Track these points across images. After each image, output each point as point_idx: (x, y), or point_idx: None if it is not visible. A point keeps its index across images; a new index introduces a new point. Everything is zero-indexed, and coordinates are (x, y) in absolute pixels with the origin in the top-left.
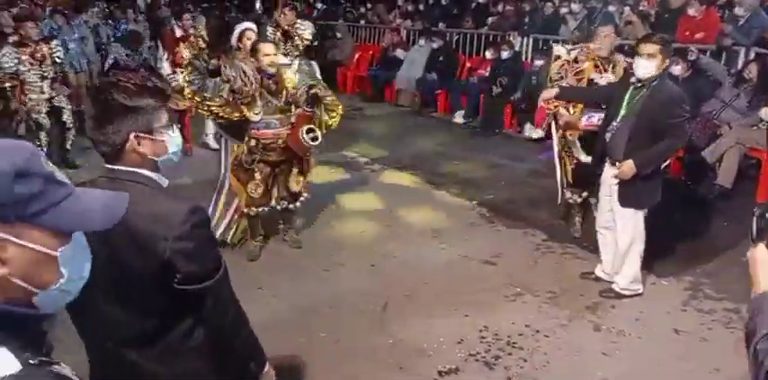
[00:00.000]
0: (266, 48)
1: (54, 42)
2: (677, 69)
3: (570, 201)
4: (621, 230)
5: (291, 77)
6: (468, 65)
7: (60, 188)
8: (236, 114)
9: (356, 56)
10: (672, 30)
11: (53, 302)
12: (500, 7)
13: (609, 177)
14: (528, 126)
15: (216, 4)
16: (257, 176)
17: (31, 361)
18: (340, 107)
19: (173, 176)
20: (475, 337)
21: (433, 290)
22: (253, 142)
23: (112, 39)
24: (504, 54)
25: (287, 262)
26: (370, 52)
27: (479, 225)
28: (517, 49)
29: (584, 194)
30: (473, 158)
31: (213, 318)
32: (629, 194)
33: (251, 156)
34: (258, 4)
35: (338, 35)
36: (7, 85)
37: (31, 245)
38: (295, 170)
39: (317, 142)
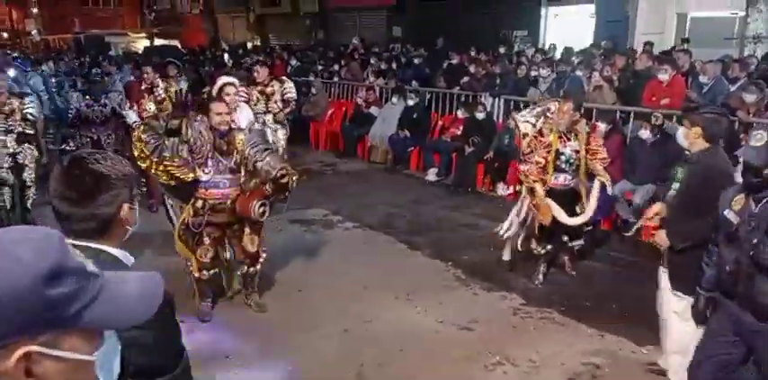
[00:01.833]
0: (218, 107)
1: (28, 99)
2: (645, 134)
3: (535, 252)
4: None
5: (243, 139)
6: (440, 123)
7: (95, 281)
8: (191, 175)
9: (330, 112)
10: (638, 95)
11: None
12: (472, 68)
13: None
14: (500, 185)
15: (191, 58)
16: (206, 240)
17: None
18: (287, 174)
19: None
20: None
21: (409, 358)
22: (200, 203)
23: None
24: (477, 114)
25: (253, 328)
26: (344, 109)
27: (455, 288)
28: (489, 109)
29: (549, 246)
30: (447, 217)
31: None
32: (675, 274)
33: (198, 218)
34: (227, 57)
35: (313, 91)
36: None
37: (68, 355)
38: (248, 229)
39: (265, 216)
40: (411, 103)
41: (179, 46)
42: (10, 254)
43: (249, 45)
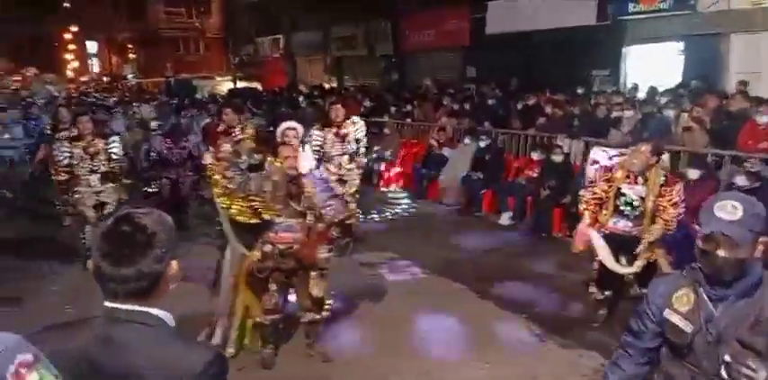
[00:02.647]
0: (285, 150)
1: (112, 138)
2: (740, 180)
3: (593, 297)
4: None
5: (310, 183)
6: (515, 165)
7: None
8: (272, 213)
9: (402, 152)
10: (732, 138)
11: None
12: (548, 109)
13: None
14: None
15: (270, 99)
16: (272, 286)
17: None
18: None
19: None
20: None
21: None
22: (268, 248)
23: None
24: (554, 156)
25: (316, 377)
26: (415, 149)
27: (528, 343)
28: (566, 151)
29: (608, 292)
30: (521, 264)
31: None
32: None
33: (265, 263)
34: (302, 99)
35: (385, 131)
36: (61, 178)
37: None
38: (314, 274)
39: (330, 262)
40: (484, 144)
41: (260, 88)
42: None
43: (326, 86)
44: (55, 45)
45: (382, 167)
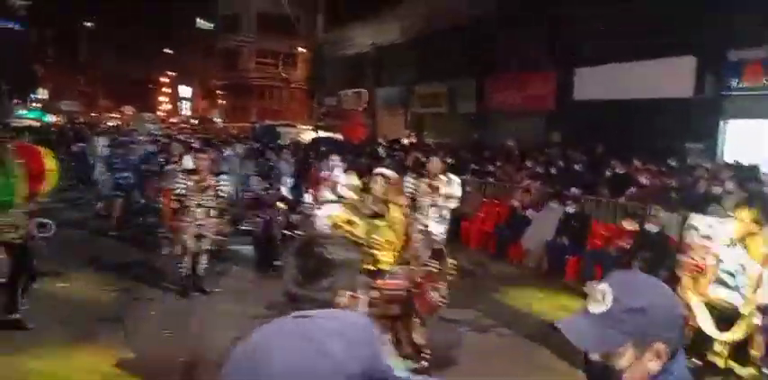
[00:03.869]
0: (402, 199)
1: (223, 176)
2: None
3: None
4: None
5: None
6: (602, 233)
7: None
8: (390, 260)
9: (482, 211)
10: None
11: None
12: (643, 179)
13: None
14: None
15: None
16: None
17: None
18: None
19: None
20: None
21: None
22: (375, 294)
23: (254, 173)
24: (649, 227)
25: None
26: (497, 209)
27: None
28: (663, 223)
29: (697, 362)
30: None
31: None
32: None
33: (370, 309)
34: (381, 151)
35: (466, 189)
36: (173, 205)
37: None
38: (417, 320)
39: (446, 300)
40: (571, 210)
41: (341, 138)
42: (320, 347)
43: (405, 141)
44: (150, 87)
45: (462, 224)
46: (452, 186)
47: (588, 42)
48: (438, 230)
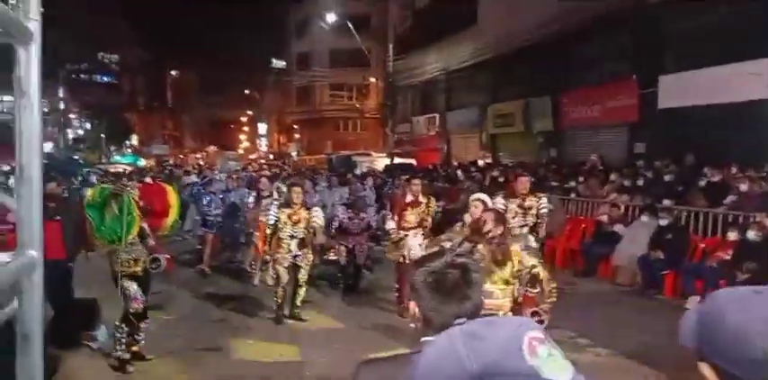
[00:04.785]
0: (488, 216)
1: (315, 209)
2: None
3: None
4: None
5: (517, 251)
6: (701, 246)
7: None
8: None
9: (567, 229)
10: None
11: None
12: (743, 187)
13: None
14: None
15: (426, 175)
16: None
17: None
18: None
19: None
20: None
21: None
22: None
23: (339, 202)
24: (752, 235)
25: None
26: (582, 226)
27: None
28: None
29: None
30: None
31: None
32: None
33: None
34: (459, 174)
35: (550, 207)
36: (268, 231)
37: None
38: None
39: (543, 326)
40: (664, 222)
41: (414, 164)
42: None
43: (480, 162)
44: (231, 127)
45: (547, 243)
46: (544, 206)
47: (668, 49)
48: (531, 251)
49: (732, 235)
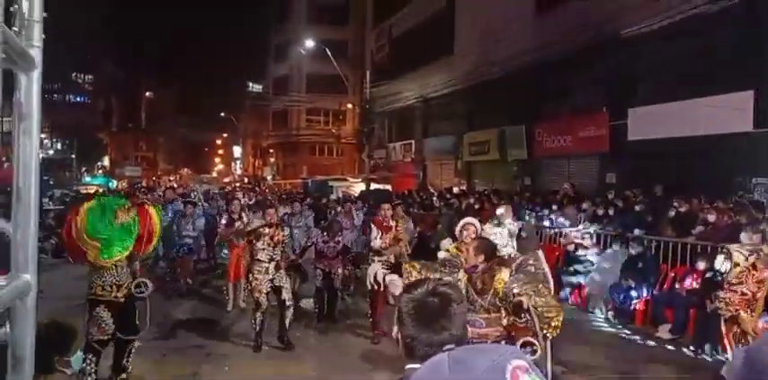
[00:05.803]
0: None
1: (294, 231)
2: None
3: None
4: None
5: (503, 279)
6: (671, 274)
7: None
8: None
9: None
10: None
11: None
12: (711, 218)
13: None
14: None
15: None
16: None
17: None
18: (559, 312)
19: None
20: None
21: None
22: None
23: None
24: (720, 265)
25: None
26: (556, 253)
27: None
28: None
29: None
30: None
31: None
32: None
33: None
34: (435, 200)
35: (523, 234)
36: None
37: None
38: None
39: (535, 356)
40: (635, 251)
41: (390, 189)
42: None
43: (455, 189)
44: (205, 149)
45: None
46: (512, 229)
47: (639, 82)
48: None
49: (702, 264)
